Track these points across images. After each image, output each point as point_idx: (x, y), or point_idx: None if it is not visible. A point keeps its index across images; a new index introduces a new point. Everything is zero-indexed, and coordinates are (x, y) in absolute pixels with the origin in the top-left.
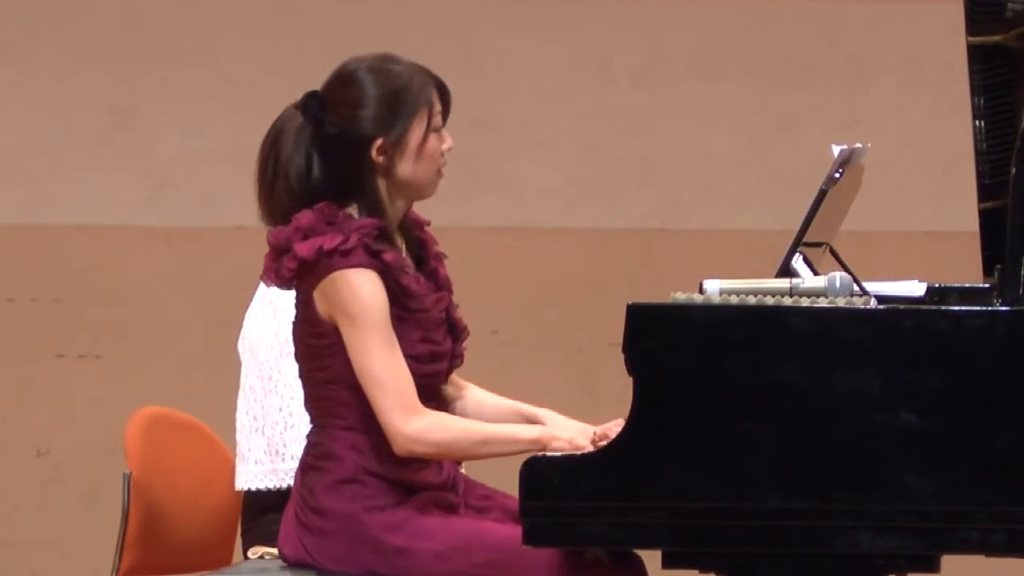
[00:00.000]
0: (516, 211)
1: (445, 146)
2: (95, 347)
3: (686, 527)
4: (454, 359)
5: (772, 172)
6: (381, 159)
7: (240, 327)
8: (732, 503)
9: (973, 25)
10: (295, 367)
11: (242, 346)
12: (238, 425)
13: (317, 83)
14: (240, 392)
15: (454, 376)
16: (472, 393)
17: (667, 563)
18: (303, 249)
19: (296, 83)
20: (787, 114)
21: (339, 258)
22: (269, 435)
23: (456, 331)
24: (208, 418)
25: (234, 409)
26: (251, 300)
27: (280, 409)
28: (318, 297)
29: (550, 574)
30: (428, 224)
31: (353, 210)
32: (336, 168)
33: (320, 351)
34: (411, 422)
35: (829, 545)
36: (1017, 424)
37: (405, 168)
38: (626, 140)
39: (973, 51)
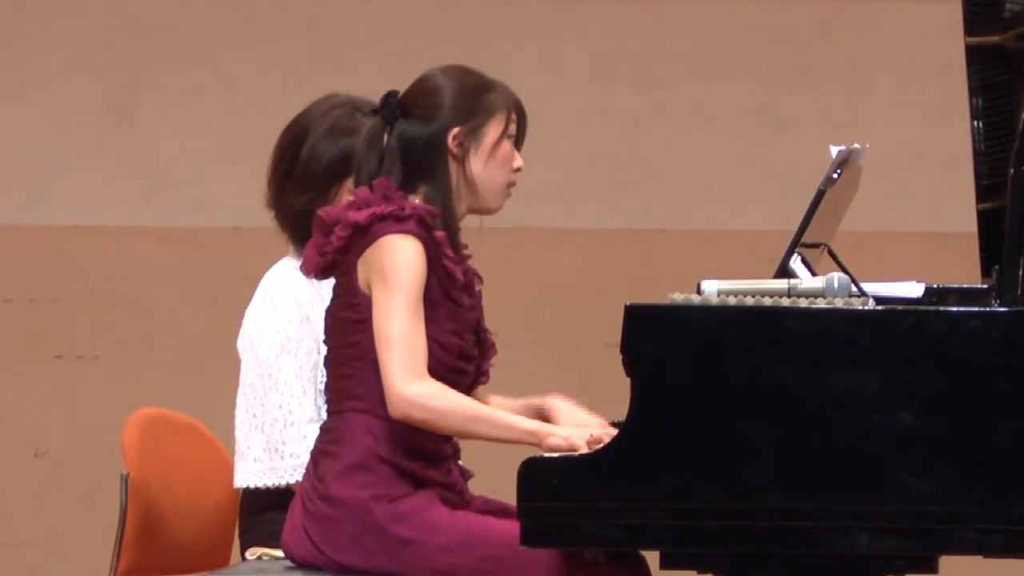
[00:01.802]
0: (514, 212)
1: (516, 163)
2: (93, 348)
3: (684, 527)
4: (479, 374)
5: (770, 173)
6: (456, 148)
7: (238, 327)
8: (730, 503)
9: (971, 26)
10: (295, 364)
11: (242, 344)
12: (237, 423)
13: (315, 84)
14: (239, 390)
15: (479, 391)
16: (492, 401)
17: (665, 563)
18: (357, 215)
19: (294, 84)
20: (785, 115)
21: (391, 222)
22: (268, 432)
23: (483, 347)
24: (206, 419)
25: (232, 409)
26: (250, 299)
27: (280, 406)
28: (361, 266)
29: (550, 569)
30: (467, 247)
31: (418, 196)
32: (411, 155)
33: (352, 325)
34: (411, 385)
35: (827, 545)
36: (1015, 425)
37: (477, 164)
38: (624, 141)
39: (971, 52)
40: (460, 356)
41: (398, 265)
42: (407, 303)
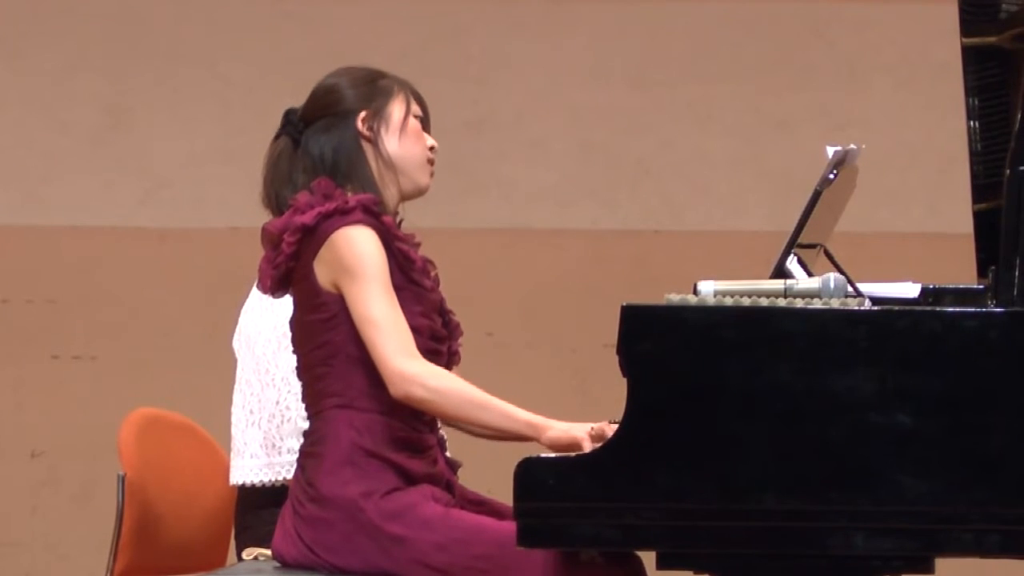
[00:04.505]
0: (511, 212)
1: (429, 142)
2: (89, 348)
3: (680, 528)
4: (451, 355)
5: (767, 173)
6: (368, 131)
7: (235, 327)
8: (727, 504)
9: (967, 26)
10: (292, 361)
11: (237, 342)
12: (233, 420)
13: (312, 85)
14: (236, 387)
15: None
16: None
17: (662, 564)
18: (303, 218)
19: (291, 85)
20: (782, 115)
21: (338, 218)
22: (265, 429)
23: (450, 328)
24: (202, 419)
25: (229, 409)
26: (246, 298)
27: (277, 402)
28: (319, 267)
29: (546, 569)
30: (414, 236)
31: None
32: (326, 156)
33: (319, 325)
34: (411, 364)
35: (824, 546)
36: (1011, 425)
37: (391, 143)
38: (621, 141)
39: (967, 52)
40: (433, 337)
41: (359, 255)
42: (381, 288)
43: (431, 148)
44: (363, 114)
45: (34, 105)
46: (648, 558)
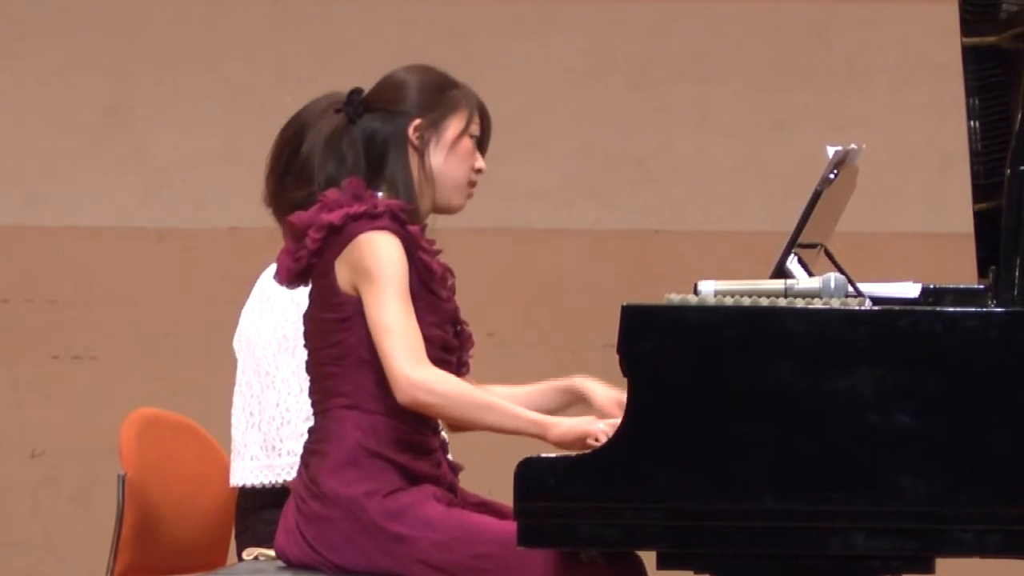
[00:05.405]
0: (511, 212)
1: (478, 164)
2: (90, 348)
3: (681, 528)
4: (460, 366)
5: (766, 173)
6: (417, 140)
7: (235, 328)
8: (727, 504)
9: (967, 26)
10: (292, 363)
11: (238, 343)
12: (233, 421)
13: (312, 84)
14: (236, 389)
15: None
16: (499, 391)
17: (662, 564)
18: (330, 216)
19: (291, 85)
20: (782, 115)
21: (366, 221)
22: (265, 431)
23: (461, 338)
24: (202, 419)
25: (229, 410)
26: (247, 298)
27: (277, 404)
28: (340, 266)
29: (546, 568)
30: (434, 242)
31: (381, 192)
32: (372, 148)
33: (333, 325)
34: (418, 369)
35: (824, 546)
36: (1012, 425)
37: (437, 158)
38: (621, 141)
39: (967, 52)
40: (443, 348)
41: (381, 260)
42: (397, 294)
43: (477, 171)
44: (417, 121)
45: (34, 105)
46: (648, 558)
